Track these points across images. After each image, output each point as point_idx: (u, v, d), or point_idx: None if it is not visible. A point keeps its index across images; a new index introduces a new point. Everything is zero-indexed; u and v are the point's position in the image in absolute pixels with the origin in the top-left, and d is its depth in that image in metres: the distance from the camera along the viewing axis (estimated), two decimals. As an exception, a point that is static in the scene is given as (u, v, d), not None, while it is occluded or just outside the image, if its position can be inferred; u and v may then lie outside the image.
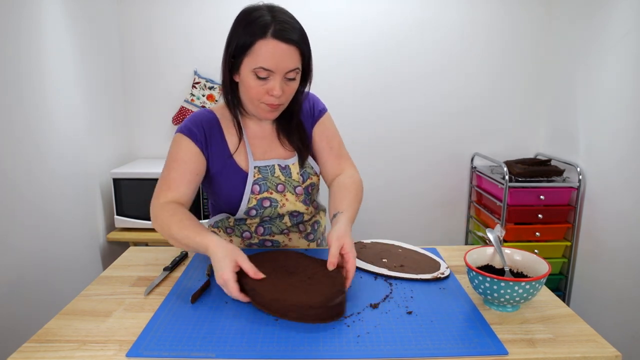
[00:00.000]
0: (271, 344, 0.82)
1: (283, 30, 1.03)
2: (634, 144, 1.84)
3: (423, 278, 1.06)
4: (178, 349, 0.80)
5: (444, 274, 1.08)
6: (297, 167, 1.22)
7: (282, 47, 1.03)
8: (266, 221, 1.23)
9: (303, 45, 1.07)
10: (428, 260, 1.16)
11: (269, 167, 1.20)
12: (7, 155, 1.57)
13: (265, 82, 1.06)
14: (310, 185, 1.24)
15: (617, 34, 1.95)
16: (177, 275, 1.11)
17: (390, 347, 0.81)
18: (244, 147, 1.19)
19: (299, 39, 1.06)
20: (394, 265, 1.12)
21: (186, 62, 2.46)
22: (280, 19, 1.05)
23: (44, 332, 0.87)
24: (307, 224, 1.29)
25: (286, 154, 1.23)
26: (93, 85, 2.16)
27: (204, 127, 1.16)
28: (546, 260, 0.96)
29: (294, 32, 1.05)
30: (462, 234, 2.75)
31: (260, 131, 1.22)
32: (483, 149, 2.61)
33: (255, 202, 1.18)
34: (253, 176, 1.18)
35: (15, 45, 1.61)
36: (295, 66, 1.07)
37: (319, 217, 1.34)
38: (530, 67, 2.52)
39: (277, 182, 1.19)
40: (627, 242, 1.88)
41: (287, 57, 1.05)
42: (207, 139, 1.16)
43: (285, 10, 1.09)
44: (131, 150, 2.57)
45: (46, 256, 1.78)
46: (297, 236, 1.28)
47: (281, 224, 1.24)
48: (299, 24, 1.08)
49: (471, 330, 0.86)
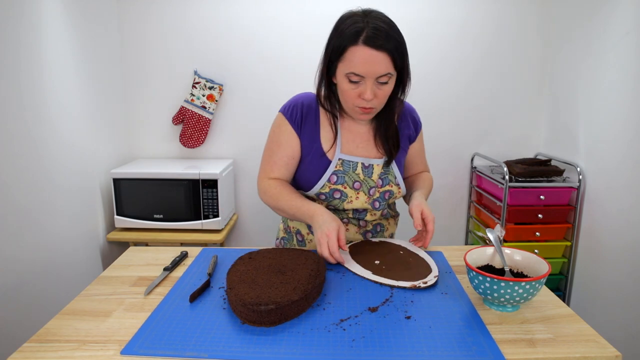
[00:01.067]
0: (265, 346, 0.81)
1: (374, 37, 1.06)
2: (634, 144, 1.84)
3: (398, 285, 1.02)
4: (172, 348, 0.80)
5: (426, 282, 1.02)
6: (380, 169, 1.27)
7: (372, 53, 1.07)
8: (331, 208, 1.29)
9: (394, 51, 1.09)
10: (420, 266, 1.11)
11: (352, 163, 1.25)
12: (7, 155, 1.57)
13: (358, 86, 1.12)
14: (388, 192, 1.29)
15: (617, 34, 1.95)
16: (177, 275, 1.11)
17: (384, 353, 0.79)
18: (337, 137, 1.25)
19: (390, 46, 1.08)
20: (382, 268, 1.10)
21: (186, 62, 2.46)
22: (372, 25, 1.07)
23: (44, 332, 0.87)
24: (369, 223, 1.34)
25: (375, 154, 1.28)
26: (93, 85, 2.16)
27: (303, 107, 1.25)
28: (546, 260, 0.96)
29: (386, 38, 1.07)
30: (462, 234, 2.75)
31: (356, 126, 1.28)
32: (483, 149, 2.61)
33: (328, 190, 1.24)
34: (335, 167, 1.24)
35: (15, 45, 1.61)
36: (386, 71, 1.10)
37: (386, 222, 1.38)
38: (531, 67, 2.52)
39: (355, 179, 1.25)
40: (627, 241, 1.87)
41: (377, 63, 1.08)
42: (303, 119, 1.25)
43: (383, 16, 1.12)
44: (131, 150, 2.57)
45: (46, 256, 1.78)
46: (354, 229, 1.32)
47: (343, 213, 1.30)
48: (394, 29, 1.10)
49: (469, 337, 0.84)
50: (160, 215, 2.23)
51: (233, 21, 2.41)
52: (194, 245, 2.21)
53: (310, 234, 1.34)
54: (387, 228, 1.39)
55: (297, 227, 1.36)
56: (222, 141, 2.56)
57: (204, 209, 2.22)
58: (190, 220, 2.24)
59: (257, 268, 1.01)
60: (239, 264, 1.05)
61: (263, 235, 2.67)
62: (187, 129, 2.47)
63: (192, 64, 2.46)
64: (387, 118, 1.25)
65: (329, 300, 0.98)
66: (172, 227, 2.24)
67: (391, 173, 1.29)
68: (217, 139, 2.56)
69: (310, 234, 1.34)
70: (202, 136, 2.49)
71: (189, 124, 2.47)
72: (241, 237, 2.69)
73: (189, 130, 2.48)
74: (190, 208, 2.22)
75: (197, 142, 2.49)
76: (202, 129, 2.48)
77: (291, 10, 2.41)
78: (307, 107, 1.25)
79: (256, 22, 2.41)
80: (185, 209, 2.22)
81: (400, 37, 1.11)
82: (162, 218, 2.24)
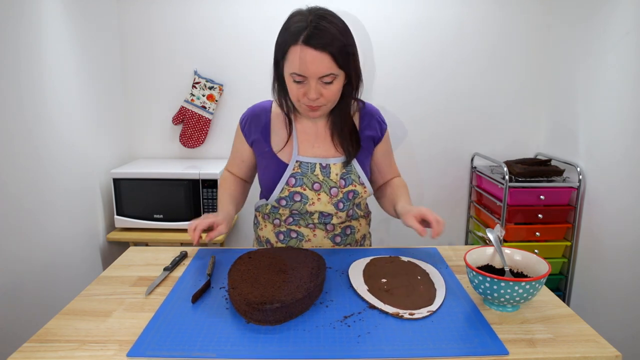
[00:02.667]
0: (272, 344, 0.82)
1: (314, 36, 1.04)
2: (634, 144, 1.84)
3: (382, 309, 0.93)
4: (179, 349, 0.80)
5: (413, 314, 0.90)
6: (337, 168, 1.24)
7: (311, 53, 1.05)
8: (296, 214, 1.29)
9: (337, 52, 1.06)
10: (424, 297, 0.98)
11: (310, 165, 1.23)
12: (7, 155, 1.57)
13: (302, 86, 1.11)
14: (352, 192, 1.25)
15: (617, 34, 1.95)
16: (177, 275, 1.11)
17: (391, 347, 0.80)
18: (292, 140, 1.24)
19: (332, 46, 1.05)
20: (384, 287, 1.01)
21: (186, 62, 2.46)
22: (315, 24, 1.05)
23: (44, 332, 0.87)
24: (336, 226, 1.31)
25: (333, 154, 1.26)
26: (93, 85, 2.16)
27: (253, 116, 1.29)
28: (546, 260, 0.96)
29: (327, 38, 1.05)
30: (462, 234, 2.75)
31: (312, 127, 1.27)
32: (483, 149, 2.61)
33: (287, 193, 1.23)
34: (292, 169, 1.22)
35: (15, 45, 1.61)
36: (328, 72, 1.07)
37: (356, 223, 1.35)
38: (531, 67, 2.52)
39: (314, 180, 1.23)
40: (627, 241, 1.88)
41: (318, 63, 1.06)
42: (253, 127, 1.28)
43: (329, 14, 1.09)
44: (131, 150, 2.57)
45: (46, 256, 1.78)
46: (322, 234, 1.30)
47: (309, 218, 1.28)
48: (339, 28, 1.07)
49: (472, 330, 0.86)
50: (160, 215, 2.23)
51: (233, 21, 2.41)
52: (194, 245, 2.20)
53: (278, 242, 1.33)
54: (357, 229, 1.36)
55: (266, 236, 1.36)
56: (222, 141, 2.56)
57: (204, 209, 2.22)
58: (190, 220, 2.23)
59: (257, 267, 1.02)
60: (239, 263, 1.05)
61: (263, 235, 2.66)
62: (187, 129, 2.48)
63: (192, 64, 2.46)
64: (342, 116, 1.23)
65: (331, 298, 0.99)
66: (172, 227, 2.24)
67: (354, 172, 1.25)
68: (217, 139, 2.56)
69: (278, 242, 1.33)
70: (202, 136, 2.49)
71: (189, 124, 2.47)
72: (241, 237, 2.69)
73: (189, 130, 2.48)
74: (190, 208, 2.22)
75: (197, 142, 2.49)
76: (202, 129, 2.48)
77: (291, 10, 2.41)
78: (258, 113, 1.28)
79: (256, 22, 2.41)
80: (185, 209, 2.22)
81: (346, 37, 1.08)
82: (162, 218, 2.24)
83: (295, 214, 1.28)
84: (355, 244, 1.36)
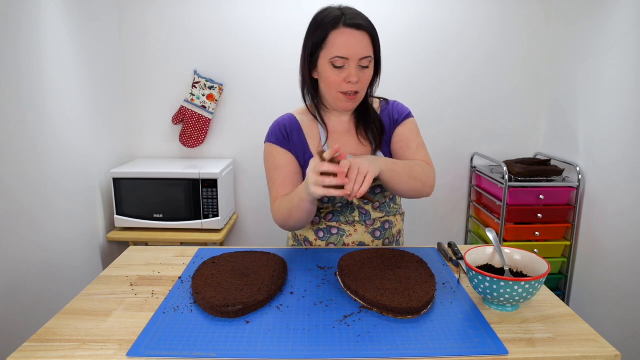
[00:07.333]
0: (272, 344, 0.82)
1: (353, 18, 1.13)
2: (633, 144, 1.84)
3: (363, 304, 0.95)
4: (179, 348, 0.80)
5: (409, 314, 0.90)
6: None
7: (354, 33, 1.12)
8: (337, 211, 1.30)
9: (373, 31, 1.16)
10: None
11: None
12: (7, 155, 1.57)
13: (342, 71, 1.15)
14: (379, 186, 1.30)
15: (616, 34, 1.95)
16: (177, 275, 1.11)
17: (391, 347, 0.81)
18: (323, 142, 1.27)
19: (367, 27, 1.14)
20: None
21: (186, 62, 2.46)
22: (349, 11, 1.15)
23: (44, 331, 0.87)
24: (376, 221, 1.33)
25: (361, 150, 1.29)
26: (93, 85, 2.16)
27: (286, 127, 1.28)
28: (546, 260, 0.96)
29: (364, 20, 1.14)
30: (462, 234, 2.75)
31: (339, 126, 1.30)
32: (483, 148, 2.62)
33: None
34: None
35: (15, 45, 1.61)
36: (368, 54, 1.15)
37: (393, 218, 1.37)
38: (530, 67, 2.52)
39: None
40: (627, 241, 1.88)
41: (360, 43, 1.13)
42: (288, 135, 1.27)
43: (353, 7, 1.19)
44: (131, 150, 2.57)
45: (46, 256, 1.78)
46: (362, 229, 1.32)
47: (350, 216, 1.30)
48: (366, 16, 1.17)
49: (471, 329, 0.86)
50: (160, 214, 2.23)
51: (233, 21, 2.41)
52: (194, 244, 2.21)
53: (317, 240, 1.33)
54: (395, 224, 1.37)
55: (304, 234, 1.36)
56: (222, 141, 2.56)
57: (204, 209, 2.22)
58: (190, 220, 2.24)
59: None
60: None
61: (263, 235, 2.67)
62: (187, 128, 2.48)
63: (192, 63, 2.46)
64: (364, 106, 1.28)
65: (330, 298, 0.99)
66: (172, 227, 2.24)
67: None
68: (217, 138, 2.56)
69: (317, 239, 1.34)
70: (202, 136, 2.49)
71: (189, 124, 2.47)
72: (241, 236, 2.69)
73: (189, 130, 2.48)
74: (190, 208, 2.22)
75: (197, 142, 2.49)
76: (202, 129, 2.48)
77: (291, 10, 2.41)
78: (288, 125, 1.28)
79: (256, 22, 2.41)
80: (185, 208, 2.22)
81: (373, 23, 1.18)
82: (162, 218, 2.24)
83: (337, 210, 1.30)
84: (392, 238, 1.38)
